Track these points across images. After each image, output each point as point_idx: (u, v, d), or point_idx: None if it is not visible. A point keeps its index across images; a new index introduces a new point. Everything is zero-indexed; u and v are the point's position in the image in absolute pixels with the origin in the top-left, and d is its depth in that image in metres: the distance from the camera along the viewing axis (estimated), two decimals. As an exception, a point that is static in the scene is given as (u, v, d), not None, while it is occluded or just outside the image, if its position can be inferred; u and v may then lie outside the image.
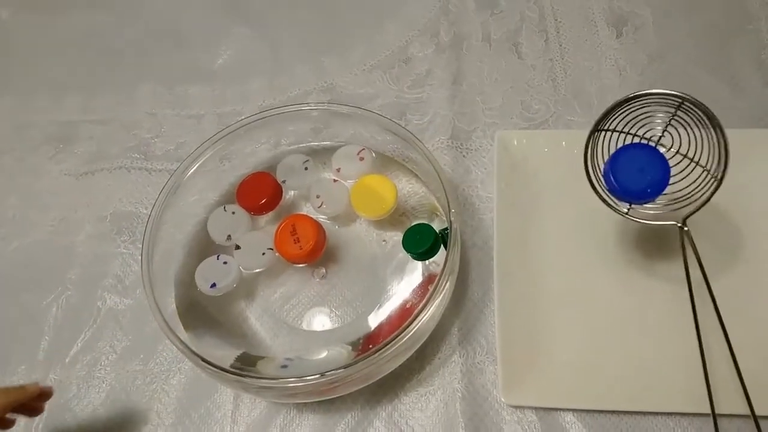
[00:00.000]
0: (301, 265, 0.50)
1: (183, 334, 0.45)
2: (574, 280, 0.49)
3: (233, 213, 0.50)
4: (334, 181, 0.52)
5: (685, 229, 0.44)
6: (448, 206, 0.46)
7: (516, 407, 0.46)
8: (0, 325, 0.54)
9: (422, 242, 0.47)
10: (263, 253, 0.48)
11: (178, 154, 0.61)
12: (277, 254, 0.48)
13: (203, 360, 0.42)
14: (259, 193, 0.51)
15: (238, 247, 0.49)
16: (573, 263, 0.50)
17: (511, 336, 0.46)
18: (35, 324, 0.54)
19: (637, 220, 0.43)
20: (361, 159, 0.52)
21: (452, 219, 0.45)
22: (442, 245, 0.47)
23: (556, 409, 0.46)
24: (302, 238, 0.48)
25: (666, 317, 0.47)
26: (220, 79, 0.66)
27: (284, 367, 0.46)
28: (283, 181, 0.52)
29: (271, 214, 0.52)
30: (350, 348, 0.46)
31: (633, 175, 0.42)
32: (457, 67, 0.62)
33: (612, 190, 0.43)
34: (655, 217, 0.44)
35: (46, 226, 0.59)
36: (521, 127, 0.58)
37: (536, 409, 0.46)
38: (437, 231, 0.47)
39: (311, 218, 0.49)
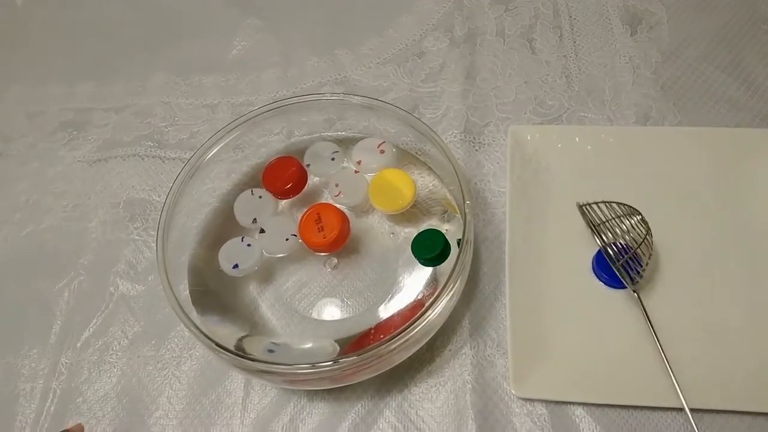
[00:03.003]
0: (321, 254, 0.50)
1: (197, 319, 0.45)
2: (586, 274, 0.50)
3: (260, 197, 0.51)
4: (356, 171, 0.52)
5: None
6: (463, 198, 0.46)
7: (526, 400, 0.46)
8: (12, 310, 0.55)
9: (431, 248, 0.47)
10: (287, 239, 0.49)
11: (192, 142, 0.61)
12: (300, 241, 0.49)
13: (217, 345, 0.42)
14: (286, 177, 0.51)
15: (262, 231, 0.49)
16: (584, 257, 0.50)
17: (521, 329, 0.46)
18: (47, 308, 0.54)
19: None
20: (381, 152, 0.52)
21: (466, 211, 0.45)
22: (450, 253, 0.47)
23: (566, 403, 0.46)
24: (326, 227, 0.48)
25: (678, 312, 0.47)
26: (234, 70, 0.66)
27: (271, 351, 0.47)
28: (308, 165, 0.52)
29: (294, 199, 0.52)
30: (336, 344, 0.46)
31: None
32: (470, 62, 0.62)
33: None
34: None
35: (59, 211, 0.59)
36: (534, 123, 0.58)
37: (546, 402, 0.46)
38: (446, 238, 0.47)
39: (337, 208, 0.49)
